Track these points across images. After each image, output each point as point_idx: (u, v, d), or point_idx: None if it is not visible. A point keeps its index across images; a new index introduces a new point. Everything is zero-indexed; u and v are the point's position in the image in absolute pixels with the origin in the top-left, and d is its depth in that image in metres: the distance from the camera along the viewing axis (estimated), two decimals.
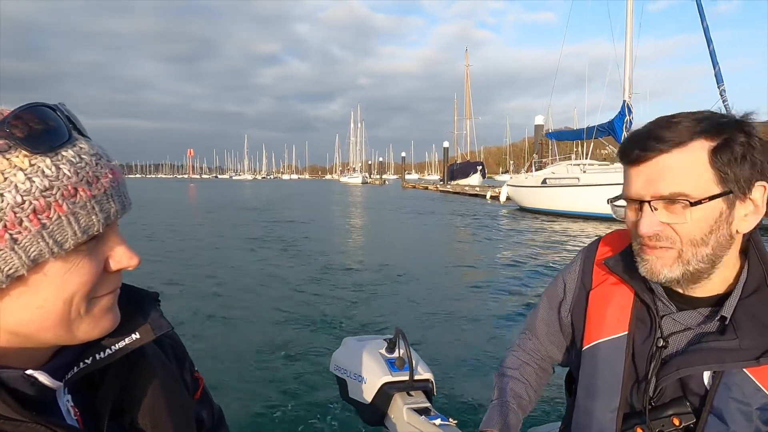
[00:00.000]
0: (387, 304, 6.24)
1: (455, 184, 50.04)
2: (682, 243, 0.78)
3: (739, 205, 0.77)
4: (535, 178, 21.24)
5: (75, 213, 0.47)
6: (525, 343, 1.17)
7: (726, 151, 0.74)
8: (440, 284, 7.54)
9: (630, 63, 19.12)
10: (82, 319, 0.51)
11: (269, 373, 3.98)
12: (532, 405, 1.10)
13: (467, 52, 76.90)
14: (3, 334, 0.49)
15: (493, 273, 8.34)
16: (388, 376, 1.49)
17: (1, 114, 0.47)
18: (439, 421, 1.36)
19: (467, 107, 69.98)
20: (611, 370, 0.89)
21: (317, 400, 3.50)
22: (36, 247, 0.45)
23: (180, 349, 0.75)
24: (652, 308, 0.86)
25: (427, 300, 6.42)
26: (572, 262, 1.07)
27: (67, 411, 0.55)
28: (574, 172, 19.17)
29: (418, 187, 58.99)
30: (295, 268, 8.54)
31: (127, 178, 0.56)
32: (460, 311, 5.84)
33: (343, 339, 1.70)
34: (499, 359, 1.23)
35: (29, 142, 0.45)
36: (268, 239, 12.35)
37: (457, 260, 9.78)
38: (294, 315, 5.60)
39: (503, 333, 5.08)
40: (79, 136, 0.51)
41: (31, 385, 0.50)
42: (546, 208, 19.99)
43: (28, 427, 0.48)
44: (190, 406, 0.70)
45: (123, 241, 0.54)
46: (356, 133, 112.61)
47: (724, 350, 0.78)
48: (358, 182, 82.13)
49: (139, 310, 0.61)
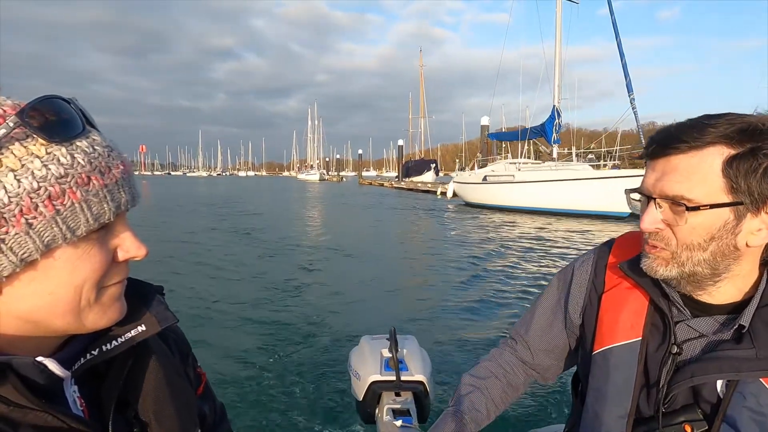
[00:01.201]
0: (379, 302, 6.24)
1: (410, 181, 51.81)
2: (677, 245, 0.77)
3: (750, 218, 0.73)
4: (477, 176, 22.99)
5: (88, 200, 0.49)
6: (502, 354, 1.15)
7: (746, 161, 0.71)
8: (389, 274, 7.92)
9: (559, 72, 21.20)
10: (91, 307, 0.53)
11: (273, 370, 3.97)
12: (489, 420, 1.08)
13: (421, 52, 78.89)
14: (14, 320, 0.50)
15: (434, 264, 9.00)
16: (377, 374, 1.51)
17: (18, 105, 0.49)
18: (400, 422, 1.37)
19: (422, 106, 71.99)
20: (623, 375, 0.88)
21: (324, 397, 3.51)
22: (50, 232, 0.47)
23: (184, 343, 0.76)
24: (667, 314, 0.84)
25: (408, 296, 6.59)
26: (581, 264, 1.04)
27: (74, 401, 0.56)
28: (511, 170, 20.99)
29: (375, 184, 60.92)
30: (285, 264, 8.65)
31: None
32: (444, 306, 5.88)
33: (362, 337, 1.74)
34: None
35: (46, 132, 0.47)
36: (233, 231, 13.02)
37: (402, 252, 10.63)
38: (307, 313, 5.50)
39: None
40: (91, 129, 0.53)
41: (40, 373, 0.51)
42: (487, 203, 21.80)
43: (36, 414, 0.49)
44: (193, 401, 0.70)
45: (131, 233, 0.56)
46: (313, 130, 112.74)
47: (741, 359, 0.77)
48: (316, 179, 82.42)
49: (144, 302, 0.63)
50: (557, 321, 1.07)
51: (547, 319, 1.08)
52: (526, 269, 8.20)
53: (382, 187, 53.15)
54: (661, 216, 0.78)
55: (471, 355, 4.28)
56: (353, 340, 1.65)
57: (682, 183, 0.74)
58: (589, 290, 0.99)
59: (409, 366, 1.54)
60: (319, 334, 4.82)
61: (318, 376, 3.85)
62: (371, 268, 8.46)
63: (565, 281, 1.06)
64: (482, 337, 4.76)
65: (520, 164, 21.61)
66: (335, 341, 4.58)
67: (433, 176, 53.74)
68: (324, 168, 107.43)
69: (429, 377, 1.52)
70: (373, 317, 5.50)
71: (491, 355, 1.16)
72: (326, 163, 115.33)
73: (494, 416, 1.09)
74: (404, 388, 1.49)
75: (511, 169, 21.01)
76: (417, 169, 56.92)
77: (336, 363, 4.02)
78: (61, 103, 0.50)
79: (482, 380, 1.10)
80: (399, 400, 1.47)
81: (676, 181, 0.75)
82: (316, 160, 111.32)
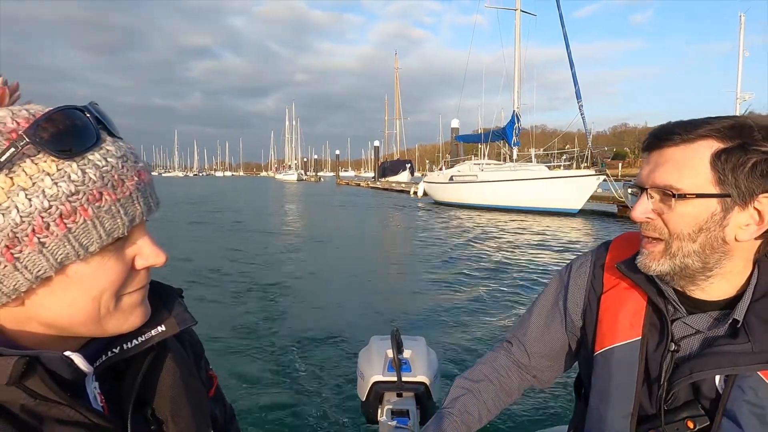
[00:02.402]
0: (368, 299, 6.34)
1: (385, 181, 53.44)
2: (669, 235, 0.79)
3: (738, 212, 0.76)
4: (444, 176, 24.66)
5: (100, 217, 0.48)
6: (497, 357, 1.15)
7: (735, 155, 0.74)
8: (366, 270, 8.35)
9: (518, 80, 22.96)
10: (112, 315, 0.54)
11: (279, 372, 4.00)
12: (481, 424, 1.07)
13: (396, 56, 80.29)
14: (39, 326, 0.51)
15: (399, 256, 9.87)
16: (380, 375, 1.51)
17: (32, 117, 0.48)
18: (395, 423, 1.38)
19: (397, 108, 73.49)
20: (625, 374, 0.89)
21: (329, 396, 3.55)
22: (63, 251, 0.47)
23: (198, 346, 0.77)
24: (663, 312, 0.86)
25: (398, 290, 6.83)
26: (579, 265, 1.04)
27: (94, 397, 0.57)
28: (474, 170, 22.68)
29: (351, 184, 62.56)
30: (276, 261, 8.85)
31: None
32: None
33: (371, 338, 1.74)
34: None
35: (57, 147, 0.47)
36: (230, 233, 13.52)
37: (376, 250, 11.14)
38: (315, 313, 5.57)
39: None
40: (107, 137, 0.52)
41: (67, 367, 0.52)
42: (453, 202, 23.39)
43: (60, 408, 0.51)
44: (206, 402, 0.71)
45: (150, 240, 0.55)
46: (291, 131, 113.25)
47: (737, 353, 0.78)
48: (294, 179, 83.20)
49: (164, 304, 0.64)
50: (555, 322, 1.07)
51: (544, 320, 1.09)
52: (503, 264, 8.71)
53: (359, 187, 54.63)
54: (652, 206, 0.80)
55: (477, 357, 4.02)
56: (366, 340, 1.76)
57: (672, 173, 0.77)
58: (588, 292, 1.01)
59: (413, 367, 1.55)
60: (330, 334, 4.83)
61: (327, 375, 3.90)
62: (356, 264, 8.88)
63: (562, 283, 1.07)
64: (493, 337, 4.78)
65: (483, 165, 23.32)
66: (347, 341, 4.65)
67: (408, 176, 55.18)
68: (302, 168, 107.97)
69: (433, 379, 1.53)
70: (380, 317, 5.51)
71: (486, 359, 1.16)
72: (304, 164, 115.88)
73: (486, 420, 1.08)
74: (406, 389, 1.50)
75: (474, 170, 22.68)
76: (393, 169, 58.38)
77: (347, 363, 4.10)
78: (74, 113, 0.50)
79: (475, 383, 1.10)
80: (400, 401, 1.48)
81: (667, 171, 0.77)
82: (294, 160, 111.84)
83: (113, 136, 0.53)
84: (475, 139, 27.42)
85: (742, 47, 24.72)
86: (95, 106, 0.52)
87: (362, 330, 4.93)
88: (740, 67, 24.50)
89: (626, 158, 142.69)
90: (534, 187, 18.83)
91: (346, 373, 3.87)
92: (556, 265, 8.81)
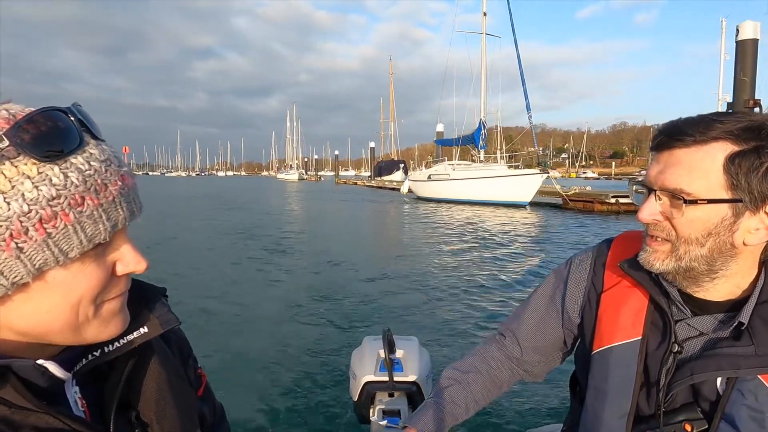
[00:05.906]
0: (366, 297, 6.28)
1: (380, 179, 57.71)
2: (677, 237, 0.78)
3: (749, 216, 0.74)
4: (424, 175, 29.13)
5: (81, 222, 0.47)
6: (488, 349, 1.13)
7: (749, 159, 0.71)
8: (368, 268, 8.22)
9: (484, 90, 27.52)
10: (90, 322, 0.52)
11: (273, 371, 3.99)
12: (468, 415, 1.06)
13: (391, 61, 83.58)
14: (14, 334, 0.49)
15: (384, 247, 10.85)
16: (371, 375, 1.51)
17: (13, 118, 0.46)
18: (385, 422, 1.39)
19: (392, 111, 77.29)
20: (623, 374, 0.87)
21: (323, 397, 3.55)
22: (41, 256, 0.46)
23: (185, 345, 0.76)
24: (667, 313, 0.84)
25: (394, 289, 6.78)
26: (579, 262, 1.03)
27: (75, 402, 0.56)
28: (448, 170, 26.87)
29: (349, 182, 67.76)
30: (280, 261, 8.94)
31: None
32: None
33: (364, 338, 1.72)
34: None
35: (38, 150, 0.45)
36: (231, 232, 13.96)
37: (367, 247, 11.67)
38: (309, 312, 5.58)
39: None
40: (90, 140, 0.50)
41: (41, 375, 0.51)
42: (431, 197, 27.57)
43: (38, 416, 0.49)
44: (193, 402, 0.70)
45: (131, 246, 0.54)
46: (292, 131, 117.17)
47: (740, 356, 0.77)
48: (295, 179, 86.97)
49: (147, 304, 0.62)
50: (551, 317, 1.06)
51: (540, 315, 1.07)
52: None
53: (356, 185, 59.38)
54: (660, 208, 0.78)
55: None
56: (357, 340, 1.72)
57: (683, 176, 0.74)
58: (588, 289, 0.99)
59: (405, 367, 1.56)
60: (323, 334, 4.86)
61: (320, 375, 3.88)
62: (352, 263, 8.79)
63: (561, 278, 1.06)
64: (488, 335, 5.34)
65: (455, 165, 27.59)
66: (340, 341, 4.66)
67: (402, 175, 59.14)
68: (303, 168, 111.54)
69: (425, 378, 1.54)
70: (374, 316, 5.52)
71: (477, 350, 1.15)
72: (305, 163, 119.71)
73: (473, 412, 1.07)
74: (397, 389, 1.51)
75: (448, 169, 26.89)
76: (388, 168, 62.44)
77: (339, 363, 4.07)
78: (57, 115, 0.48)
79: (464, 374, 1.09)
80: (391, 400, 1.49)
81: (678, 174, 0.75)
82: (295, 160, 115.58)
83: (96, 138, 0.51)
84: (450, 142, 31.97)
85: (723, 51, 25.50)
86: (78, 108, 0.51)
87: (356, 330, 4.95)
88: (722, 70, 25.58)
89: (624, 157, 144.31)
90: (493, 184, 22.86)
91: (339, 374, 3.88)
92: (525, 251, 9.99)
